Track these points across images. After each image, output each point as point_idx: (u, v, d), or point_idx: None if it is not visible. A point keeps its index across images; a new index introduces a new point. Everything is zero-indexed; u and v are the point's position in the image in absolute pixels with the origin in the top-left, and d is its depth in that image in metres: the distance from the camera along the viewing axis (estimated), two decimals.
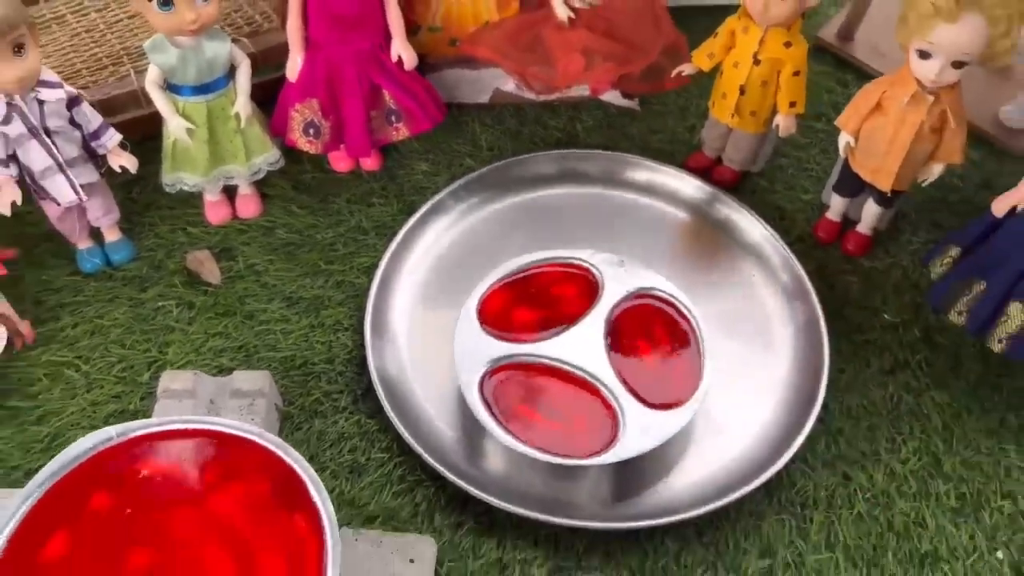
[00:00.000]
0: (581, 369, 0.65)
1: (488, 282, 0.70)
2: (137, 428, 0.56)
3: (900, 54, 0.69)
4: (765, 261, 0.78)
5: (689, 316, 0.69)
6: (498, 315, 0.69)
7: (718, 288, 0.77)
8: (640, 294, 0.70)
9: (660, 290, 0.70)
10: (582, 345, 0.66)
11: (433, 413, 0.68)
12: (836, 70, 0.97)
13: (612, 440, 0.63)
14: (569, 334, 0.67)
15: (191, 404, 0.64)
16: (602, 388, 0.65)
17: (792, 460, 0.65)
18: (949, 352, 0.74)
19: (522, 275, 0.72)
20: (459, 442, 0.67)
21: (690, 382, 0.66)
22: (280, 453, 0.55)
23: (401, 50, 0.78)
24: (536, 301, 0.70)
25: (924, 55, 0.66)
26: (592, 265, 0.71)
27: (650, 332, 0.68)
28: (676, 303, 0.69)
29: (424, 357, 0.71)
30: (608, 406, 0.64)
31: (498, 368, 0.66)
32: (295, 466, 0.54)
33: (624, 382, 0.65)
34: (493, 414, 0.63)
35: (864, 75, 0.96)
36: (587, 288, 0.71)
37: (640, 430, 0.63)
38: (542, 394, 0.65)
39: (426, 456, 0.64)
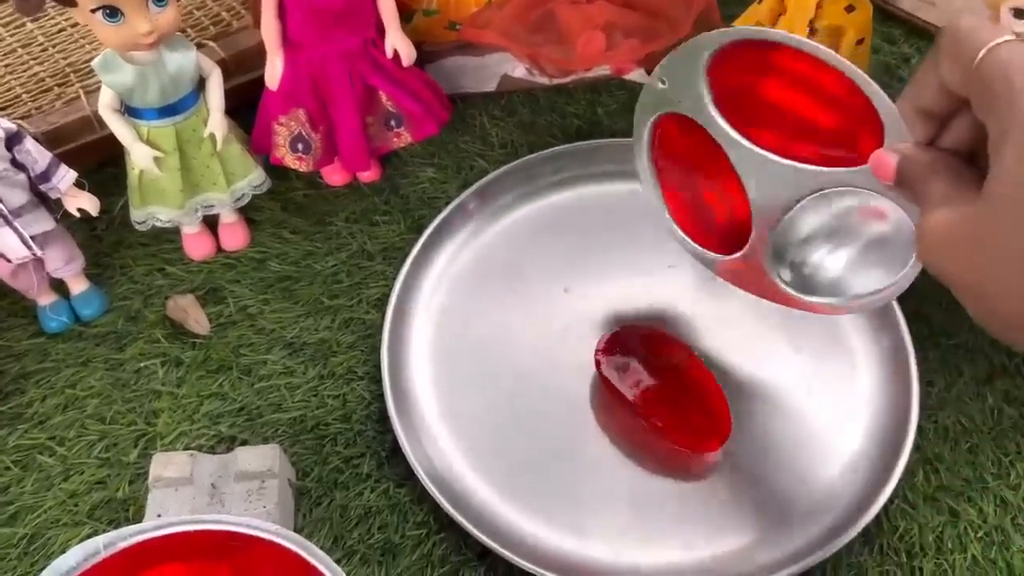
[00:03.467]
0: None
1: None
2: (128, 535, 0.47)
3: (953, 2, 0.59)
4: None
5: None
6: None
7: None
8: None
9: None
10: None
11: (475, 475, 0.59)
12: (882, 25, 0.86)
13: None
14: None
15: (190, 493, 0.55)
16: None
17: (891, 499, 0.57)
18: None
19: None
20: (511, 508, 0.57)
21: None
22: (304, 554, 0.46)
23: (397, 43, 0.66)
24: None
25: (1022, 14, 0.56)
26: None
27: None
28: None
29: (457, 404, 0.62)
30: None
31: None
32: (321, 567, 0.46)
33: None
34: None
35: (913, 28, 0.86)
36: None
37: None
38: None
39: (471, 528, 0.54)
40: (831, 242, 0.51)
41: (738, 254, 0.54)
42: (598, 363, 0.61)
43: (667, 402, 0.60)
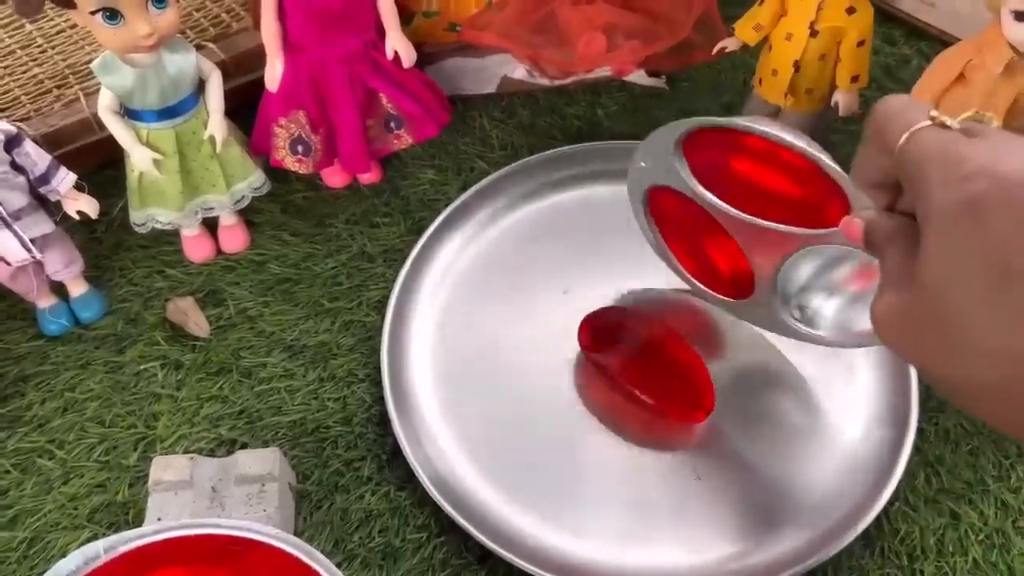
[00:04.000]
0: None
1: None
2: (128, 540, 0.47)
3: (952, 4, 0.59)
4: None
5: None
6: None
7: None
8: None
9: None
10: None
11: (476, 477, 0.58)
12: (881, 26, 0.86)
13: None
14: None
15: (190, 497, 0.54)
16: None
17: (891, 501, 0.57)
18: None
19: None
20: (512, 510, 0.57)
21: None
22: (304, 558, 0.46)
23: (397, 44, 0.66)
24: None
25: (1022, 16, 0.56)
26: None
27: None
28: None
29: (457, 406, 0.61)
30: None
31: None
32: (322, 571, 0.46)
33: None
34: None
35: (913, 30, 0.86)
36: None
37: None
38: None
39: (473, 531, 0.54)
40: (827, 288, 0.56)
41: (748, 299, 0.59)
42: (582, 337, 0.63)
43: (650, 374, 0.61)
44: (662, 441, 0.60)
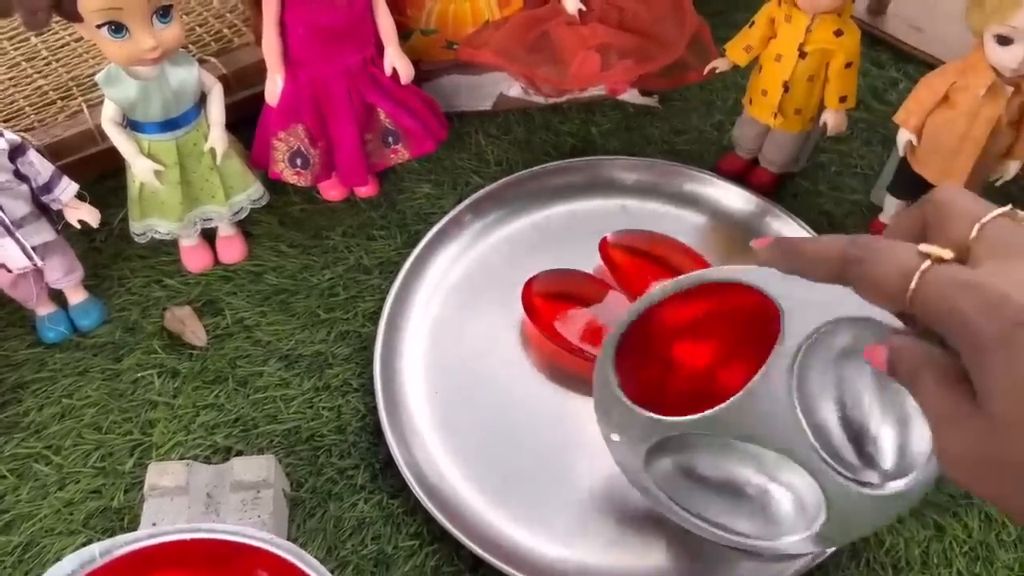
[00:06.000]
0: None
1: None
2: (124, 544, 0.47)
3: (939, 29, 0.60)
4: None
5: None
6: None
7: None
8: None
9: None
10: None
11: (467, 485, 0.59)
12: (870, 49, 0.88)
13: None
14: None
15: (185, 502, 0.55)
16: None
17: None
18: None
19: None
20: (503, 518, 0.58)
21: None
22: (297, 563, 0.47)
23: (396, 61, 0.67)
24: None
25: (1004, 41, 0.57)
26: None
27: None
28: None
29: (449, 415, 0.62)
30: None
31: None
32: None
33: None
34: None
35: (900, 53, 0.88)
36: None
37: None
38: None
39: (464, 539, 0.55)
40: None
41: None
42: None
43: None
44: None
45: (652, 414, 0.52)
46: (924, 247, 0.28)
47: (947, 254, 0.28)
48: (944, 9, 0.86)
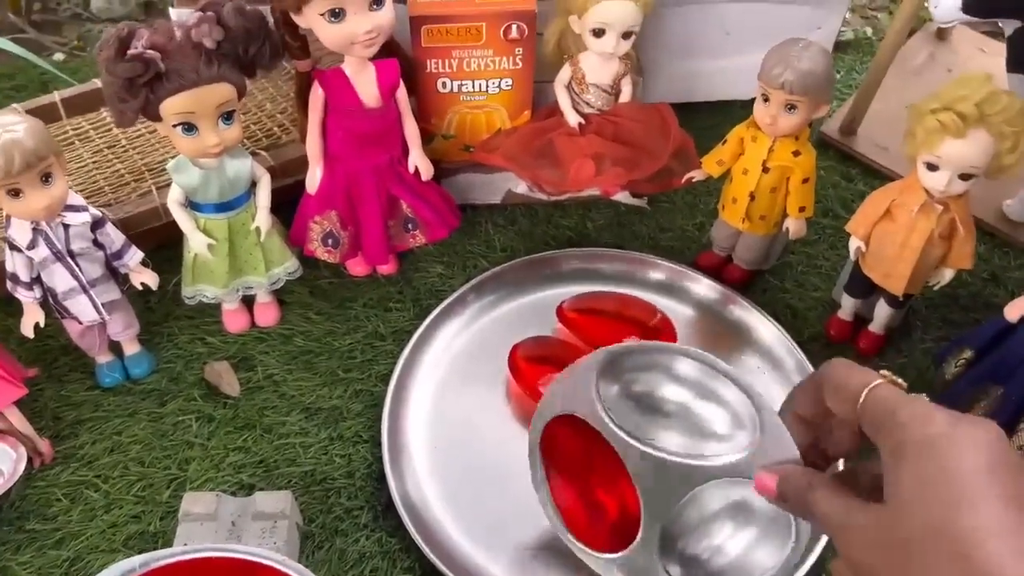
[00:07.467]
0: None
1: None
2: (161, 558, 0.56)
3: (901, 148, 0.70)
4: (778, 363, 0.78)
5: None
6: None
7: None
8: None
9: None
10: None
11: (457, 527, 0.67)
12: (840, 164, 0.99)
13: None
14: None
15: (213, 527, 0.64)
16: None
17: None
18: None
19: None
20: (489, 559, 0.66)
21: None
22: None
23: (419, 161, 0.79)
24: None
25: (932, 167, 0.67)
26: None
27: None
28: None
29: (445, 468, 0.71)
30: None
31: None
32: None
33: None
34: None
35: (868, 169, 0.98)
36: None
37: None
38: None
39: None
40: (728, 525, 0.53)
41: (626, 551, 0.55)
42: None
43: None
44: None
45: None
46: (886, 372, 0.38)
47: (899, 379, 0.37)
48: None
